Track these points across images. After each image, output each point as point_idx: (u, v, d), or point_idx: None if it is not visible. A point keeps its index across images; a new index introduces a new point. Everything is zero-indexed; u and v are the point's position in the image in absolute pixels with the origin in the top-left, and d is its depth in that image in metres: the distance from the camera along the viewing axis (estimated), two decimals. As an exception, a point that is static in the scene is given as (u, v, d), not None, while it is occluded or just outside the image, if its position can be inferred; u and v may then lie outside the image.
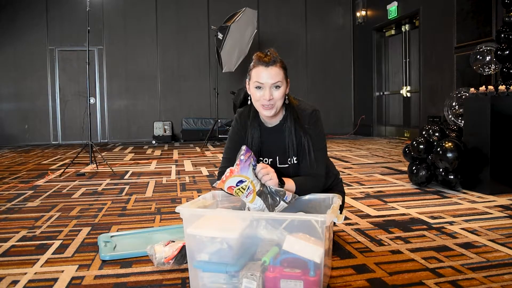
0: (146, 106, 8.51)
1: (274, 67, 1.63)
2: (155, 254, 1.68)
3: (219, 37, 6.82)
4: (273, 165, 1.75)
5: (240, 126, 1.80)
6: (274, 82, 1.63)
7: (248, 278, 1.33)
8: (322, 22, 9.02)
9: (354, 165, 4.56)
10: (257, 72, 1.64)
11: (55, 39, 8.19)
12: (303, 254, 1.32)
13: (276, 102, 1.65)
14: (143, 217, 2.52)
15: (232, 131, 1.83)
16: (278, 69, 1.64)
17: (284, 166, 1.75)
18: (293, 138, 1.71)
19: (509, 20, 3.71)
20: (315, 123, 1.73)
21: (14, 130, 8.15)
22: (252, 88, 1.67)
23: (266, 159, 1.77)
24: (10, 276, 1.64)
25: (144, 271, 1.66)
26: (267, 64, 1.62)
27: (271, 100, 1.63)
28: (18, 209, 2.79)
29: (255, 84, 1.65)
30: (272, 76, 1.62)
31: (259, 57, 1.65)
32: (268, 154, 1.77)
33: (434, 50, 6.37)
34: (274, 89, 1.64)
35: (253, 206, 1.53)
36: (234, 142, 1.80)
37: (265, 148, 1.77)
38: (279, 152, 1.75)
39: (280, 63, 1.65)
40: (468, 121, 3.25)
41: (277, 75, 1.63)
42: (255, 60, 1.66)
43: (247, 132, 1.77)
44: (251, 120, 1.77)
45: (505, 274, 1.57)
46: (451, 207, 2.64)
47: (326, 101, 8.81)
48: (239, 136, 1.80)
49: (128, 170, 4.46)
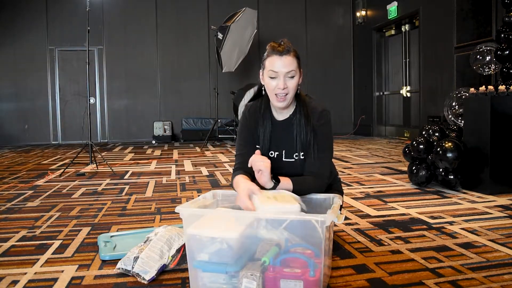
0: (146, 106, 8.51)
1: (288, 56, 1.64)
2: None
3: (219, 37, 6.82)
4: (279, 159, 1.75)
5: (249, 121, 1.80)
6: (288, 71, 1.64)
7: (248, 278, 1.33)
8: (322, 22, 9.02)
9: (354, 165, 4.56)
10: (271, 61, 1.65)
11: (55, 39, 8.19)
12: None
13: (290, 92, 1.66)
14: (143, 217, 2.52)
15: (241, 127, 1.83)
16: (292, 58, 1.65)
17: (290, 160, 1.75)
18: (301, 132, 1.71)
19: (509, 20, 3.71)
20: (324, 124, 1.73)
21: (14, 130, 8.15)
22: (266, 77, 1.67)
23: (272, 152, 1.77)
24: (10, 276, 1.64)
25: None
26: (281, 53, 1.63)
27: (285, 89, 1.64)
28: (18, 209, 2.79)
29: (269, 73, 1.65)
30: (286, 65, 1.63)
31: (273, 47, 1.66)
32: (276, 147, 1.77)
33: (434, 50, 6.37)
34: (288, 79, 1.65)
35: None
36: (245, 138, 1.80)
37: (273, 141, 1.77)
38: (286, 146, 1.75)
39: (294, 52, 1.66)
40: (468, 121, 3.25)
41: (291, 64, 1.64)
42: (269, 50, 1.67)
43: (258, 124, 1.77)
44: (263, 112, 1.77)
45: (505, 274, 1.57)
46: (451, 207, 2.64)
47: (326, 101, 8.57)
48: (248, 131, 1.80)
49: (128, 170, 4.46)
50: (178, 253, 1.66)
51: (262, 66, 1.70)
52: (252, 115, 1.80)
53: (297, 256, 1.37)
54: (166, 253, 1.64)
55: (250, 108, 1.82)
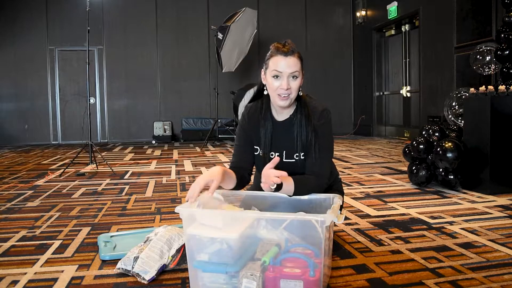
0: (146, 106, 8.51)
1: (292, 57, 1.65)
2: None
3: (219, 37, 6.82)
4: (280, 159, 1.75)
5: (247, 123, 1.80)
6: (292, 72, 1.64)
7: (248, 278, 1.33)
8: (322, 22, 9.02)
9: (354, 165, 4.56)
10: (275, 61, 1.65)
11: (55, 39, 8.19)
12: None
13: (293, 93, 1.66)
14: (143, 217, 2.52)
15: (239, 128, 1.83)
16: (296, 59, 1.66)
17: (290, 161, 1.75)
18: (302, 132, 1.71)
19: (509, 20, 3.71)
20: (324, 123, 1.73)
21: (14, 130, 8.15)
22: (269, 77, 1.67)
23: (273, 153, 1.77)
24: (10, 276, 1.64)
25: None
26: (286, 54, 1.64)
27: (288, 90, 1.64)
28: (18, 209, 2.79)
29: (273, 73, 1.65)
30: (290, 66, 1.64)
31: (277, 47, 1.66)
32: (276, 148, 1.77)
33: (434, 50, 6.37)
34: (291, 79, 1.65)
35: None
36: (242, 139, 1.81)
37: (273, 142, 1.77)
38: (287, 146, 1.75)
39: (297, 54, 1.67)
40: (468, 121, 3.25)
41: (295, 65, 1.65)
42: (273, 50, 1.67)
43: (258, 126, 1.77)
44: (264, 113, 1.77)
45: (505, 274, 1.57)
46: (451, 207, 2.64)
47: (326, 101, 8.45)
48: (246, 133, 1.80)
49: (128, 170, 4.46)
50: (178, 253, 1.66)
51: (265, 66, 1.70)
52: (251, 116, 1.80)
53: (297, 256, 1.37)
54: (166, 253, 1.64)
55: (250, 109, 1.82)
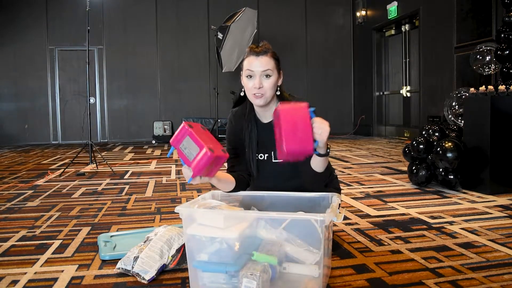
0: (146, 106, 8.51)
1: (264, 56, 1.67)
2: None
3: (219, 37, 6.82)
4: (269, 161, 1.78)
5: (234, 127, 1.84)
6: (264, 70, 1.66)
7: (248, 278, 1.33)
8: (322, 22, 9.02)
9: (354, 165, 4.56)
10: (248, 62, 1.68)
11: (55, 39, 8.19)
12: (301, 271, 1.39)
13: (267, 92, 1.67)
14: (143, 217, 2.52)
15: (227, 132, 1.88)
16: (268, 59, 1.67)
17: (279, 161, 1.76)
18: None
19: (509, 20, 3.70)
20: None
21: (14, 130, 8.15)
22: (244, 78, 1.70)
23: (261, 154, 1.80)
24: (10, 276, 1.64)
25: (144, 271, 1.66)
26: (258, 54, 1.67)
27: (261, 89, 1.66)
28: (18, 209, 2.79)
29: (246, 73, 1.68)
30: (262, 64, 1.66)
31: (250, 48, 1.70)
32: (264, 149, 1.80)
33: (434, 50, 6.36)
34: (264, 78, 1.67)
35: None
36: (233, 143, 1.85)
37: (260, 144, 1.80)
38: (274, 148, 1.75)
39: (271, 53, 1.69)
40: (468, 121, 3.25)
41: (267, 64, 1.66)
42: (247, 51, 1.71)
43: (243, 128, 1.81)
44: (247, 115, 1.80)
45: (505, 274, 1.57)
46: (451, 207, 2.64)
47: (326, 101, 8.80)
48: (235, 136, 1.84)
49: (128, 170, 4.46)
50: (178, 253, 1.66)
51: (241, 68, 1.73)
52: (237, 120, 1.84)
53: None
54: (166, 253, 1.64)
55: (235, 113, 1.86)
